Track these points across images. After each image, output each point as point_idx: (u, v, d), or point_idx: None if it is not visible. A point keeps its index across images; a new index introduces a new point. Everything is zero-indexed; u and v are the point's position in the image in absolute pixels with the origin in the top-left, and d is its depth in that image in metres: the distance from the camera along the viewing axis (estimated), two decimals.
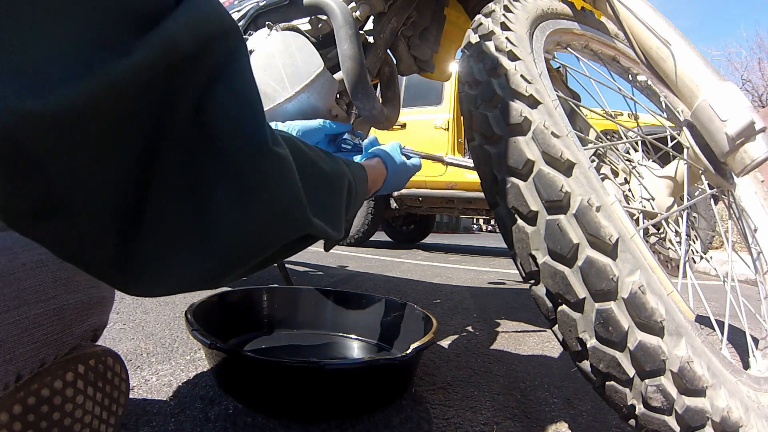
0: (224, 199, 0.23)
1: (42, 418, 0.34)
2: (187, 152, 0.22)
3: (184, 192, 0.22)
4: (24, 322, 0.31)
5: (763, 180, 0.81)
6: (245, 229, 0.24)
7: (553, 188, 0.39)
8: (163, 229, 0.22)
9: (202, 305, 0.70)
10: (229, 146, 0.23)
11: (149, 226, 0.22)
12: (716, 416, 0.35)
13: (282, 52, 0.78)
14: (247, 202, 0.24)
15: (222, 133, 0.22)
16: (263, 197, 0.25)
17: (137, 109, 0.19)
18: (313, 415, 0.53)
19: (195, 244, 0.23)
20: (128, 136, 0.20)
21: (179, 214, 0.23)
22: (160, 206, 0.22)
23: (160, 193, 0.22)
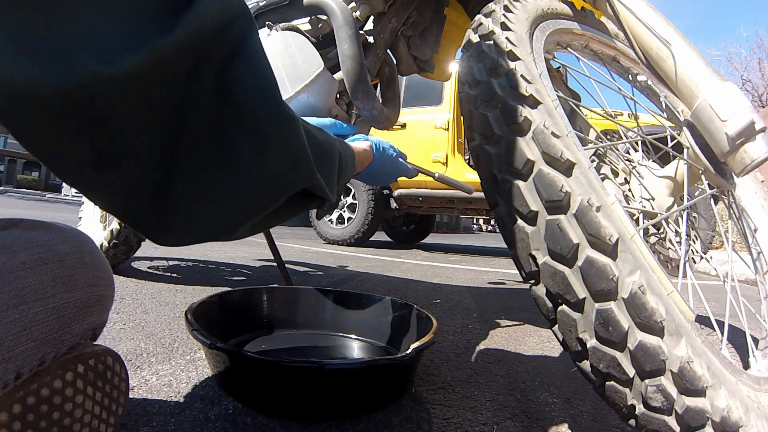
0: (246, 154, 0.27)
1: (42, 418, 0.34)
2: (211, 116, 0.26)
3: (210, 150, 0.26)
4: (23, 320, 0.31)
5: (763, 180, 0.81)
6: (265, 178, 0.29)
7: (553, 188, 0.39)
8: (192, 182, 0.26)
9: (202, 305, 0.70)
10: (251, 109, 0.27)
11: (180, 180, 0.26)
12: (716, 416, 0.35)
13: (282, 52, 0.78)
14: (267, 155, 0.28)
15: (243, 99, 0.26)
16: (280, 150, 0.29)
17: (176, 76, 0.23)
18: (313, 415, 0.53)
19: (220, 194, 0.27)
20: (168, 100, 0.23)
21: (206, 169, 0.26)
22: (189, 162, 0.26)
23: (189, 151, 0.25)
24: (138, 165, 0.24)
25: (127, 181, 0.24)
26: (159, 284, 1.28)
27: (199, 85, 0.24)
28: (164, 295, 1.14)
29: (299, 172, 0.32)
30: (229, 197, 0.28)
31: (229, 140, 0.27)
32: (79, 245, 0.38)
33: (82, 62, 0.19)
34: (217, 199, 0.27)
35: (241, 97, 0.26)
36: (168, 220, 0.27)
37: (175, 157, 0.25)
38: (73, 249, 0.37)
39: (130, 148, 0.23)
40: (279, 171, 0.30)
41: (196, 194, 0.27)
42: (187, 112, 0.24)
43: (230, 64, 0.26)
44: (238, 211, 0.29)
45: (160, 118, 0.23)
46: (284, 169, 0.30)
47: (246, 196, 0.28)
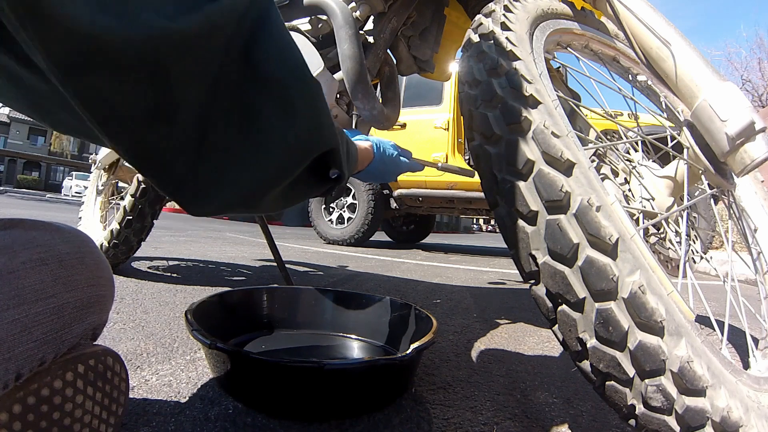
0: (272, 119, 0.29)
1: (42, 418, 0.34)
2: (239, 85, 0.27)
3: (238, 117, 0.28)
4: (24, 320, 0.31)
5: (763, 180, 0.81)
6: (289, 140, 0.30)
7: (553, 188, 0.39)
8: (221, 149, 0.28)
9: (202, 305, 0.70)
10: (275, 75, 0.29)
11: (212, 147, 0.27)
12: (716, 416, 0.35)
13: None
14: (292, 117, 0.30)
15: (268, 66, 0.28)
16: (304, 112, 0.31)
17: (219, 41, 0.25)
18: (313, 415, 0.53)
19: (248, 159, 0.29)
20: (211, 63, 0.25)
21: (234, 136, 0.28)
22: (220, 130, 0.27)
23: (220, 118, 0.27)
24: (184, 124, 0.25)
25: (174, 139, 0.26)
26: (159, 284, 1.28)
27: (230, 55, 0.26)
28: (164, 295, 1.14)
29: (322, 133, 0.34)
30: (256, 162, 0.29)
31: (255, 107, 0.28)
32: (79, 245, 0.38)
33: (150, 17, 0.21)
34: (246, 164, 0.29)
35: (266, 65, 0.28)
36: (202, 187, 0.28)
37: (209, 123, 0.27)
38: (73, 249, 0.37)
39: (181, 104, 0.25)
40: (303, 132, 0.31)
41: (225, 160, 0.28)
42: (220, 80, 0.26)
43: (256, 36, 0.28)
44: (264, 177, 0.30)
45: (204, 80, 0.25)
46: (309, 129, 0.32)
47: (272, 158, 0.30)
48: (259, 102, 0.28)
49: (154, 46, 0.22)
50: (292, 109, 0.30)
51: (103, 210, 1.55)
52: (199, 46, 0.24)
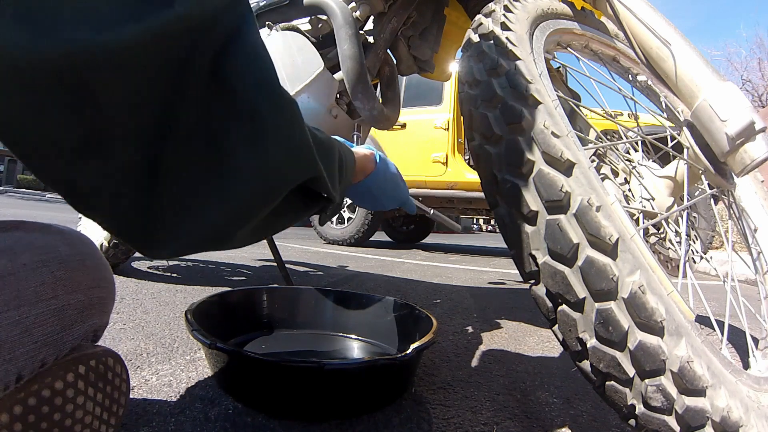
0: (240, 146, 0.25)
1: (42, 419, 0.34)
2: (203, 105, 0.24)
3: (200, 143, 0.24)
4: (24, 322, 0.31)
5: (763, 180, 0.81)
6: (261, 170, 0.26)
7: (553, 188, 0.39)
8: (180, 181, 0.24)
9: (202, 305, 0.70)
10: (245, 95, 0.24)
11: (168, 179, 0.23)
12: (716, 416, 0.35)
13: (282, 52, 0.78)
14: (263, 144, 0.26)
15: (238, 84, 0.24)
16: (278, 137, 0.26)
17: (170, 56, 0.21)
18: (313, 415, 0.53)
19: (212, 193, 0.25)
20: (160, 82, 0.21)
21: (196, 166, 0.24)
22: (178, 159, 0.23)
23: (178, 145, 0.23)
24: (125, 156, 0.21)
25: (113, 175, 0.22)
26: (159, 284, 1.28)
27: (192, 70, 0.22)
28: (164, 295, 1.14)
29: (299, 161, 0.29)
30: (221, 196, 0.25)
31: (221, 132, 0.24)
32: (79, 247, 0.38)
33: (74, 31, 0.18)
34: (208, 200, 0.25)
35: (235, 83, 0.24)
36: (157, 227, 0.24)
37: (163, 151, 0.23)
38: (73, 251, 0.37)
39: (117, 133, 0.21)
40: (277, 160, 0.27)
41: (185, 195, 0.24)
42: (178, 101, 0.22)
43: (226, 51, 0.24)
44: (232, 213, 0.26)
45: (151, 103, 0.21)
46: (283, 157, 0.27)
47: (241, 193, 0.25)
48: (227, 125, 0.24)
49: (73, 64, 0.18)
50: (263, 134, 0.26)
51: None
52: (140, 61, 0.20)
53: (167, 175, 0.23)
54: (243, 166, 0.25)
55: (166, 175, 0.23)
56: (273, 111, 0.26)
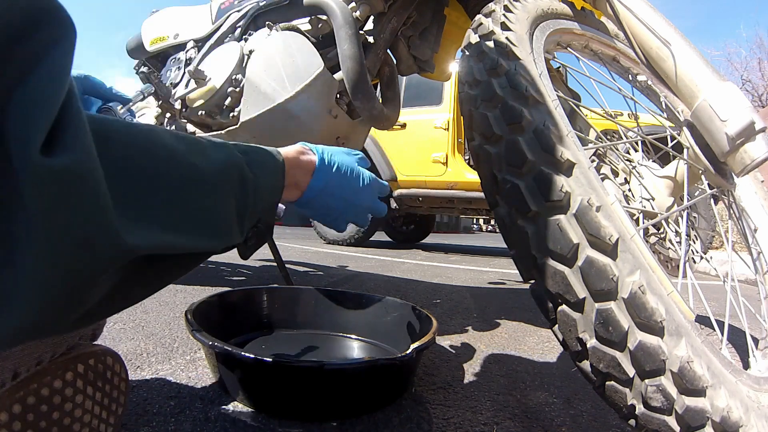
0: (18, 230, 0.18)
1: (41, 418, 0.34)
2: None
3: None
4: None
5: (763, 180, 0.81)
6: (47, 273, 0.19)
7: (553, 188, 0.39)
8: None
9: (202, 305, 0.70)
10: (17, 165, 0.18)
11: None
12: (716, 416, 0.35)
13: (282, 52, 0.78)
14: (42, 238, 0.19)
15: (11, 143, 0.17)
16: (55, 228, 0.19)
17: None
18: (313, 415, 0.53)
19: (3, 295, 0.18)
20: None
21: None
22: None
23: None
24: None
25: None
26: None
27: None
28: (164, 295, 1.14)
29: (96, 251, 0.21)
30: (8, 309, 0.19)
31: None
32: None
33: None
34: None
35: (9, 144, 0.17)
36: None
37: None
38: None
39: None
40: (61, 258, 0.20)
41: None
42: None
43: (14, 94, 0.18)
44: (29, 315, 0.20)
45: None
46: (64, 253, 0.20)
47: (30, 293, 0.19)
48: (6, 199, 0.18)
49: None
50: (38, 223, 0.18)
51: None
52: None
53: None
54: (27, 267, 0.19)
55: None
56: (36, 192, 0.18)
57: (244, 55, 0.84)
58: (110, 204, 0.22)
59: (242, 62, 0.83)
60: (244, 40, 0.91)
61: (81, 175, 0.20)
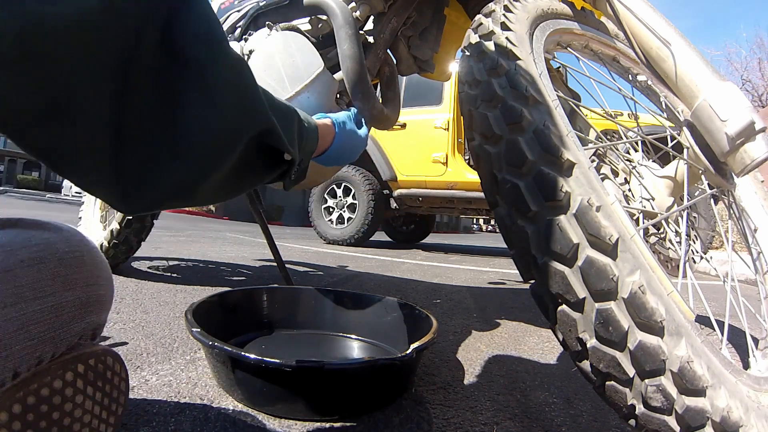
0: (193, 106, 0.26)
1: (41, 418, 0.34)
2: (156, 72, 0.25)
3: (156, 108, 0.26)
4: (21, 318, 0.31)
5: (763, 180, 0.80)
6: (213, 125, 0.27)
7: (553, 188, 0.39)
8: (140, 143, 0.25)
9: (202, 305, 0.70)
10: (195, 57, 0.26)
11: (130, 142, 0.25)
12: (716, 416, 0.35)
13: (282, 52, 0.78)
14: (214, 100, 0.27)
15: (187, 48, 0.26)
16: (228, 93, 0.28)
17: (123, 24, 0.22)
18: (313, 414, 0.53)
19: (170, 152, 0.26)
20: (115, 50, 0.23)
21: (153, 129, 0.26)
22: (136, 123, 0.25)
23: (135, 111, 0.25)
24: (87, 121, 0.23)
25: (82, 138, 0.23)
26: (159, 284, 1.28)
27: (144, 39, 0.24)
28: (164, 295, 1.14)
29: (248, 111, 0.31)
30: (179, 154, 0.27)
31: (174, 94, 0.26)
32: (77, 244, 0.38)
33: (30, 2, 0.19)
34: (167, 158, 0.26)
35: (184, 47, 0.26)
36: (126, 186, 0.26)
37: (124, 117, 0.24)
38: (71, 248, 0.37)
39: (77, 100, 0.22)
40: (227, 113, 0.28)
41: (145, 156, 0.26)
42: (133, 70, 0.24)
43: (175, 18, 0.25)
44: (191, 168, 0.28)
45: (107, 71, 0.23)
46: (232, 110, 0.29)
47: (198, 146, 0.27)
48: (179, 85, 0.26)
49: (28, 36, 0.19)
50: (212, 90, 0.27)
51: (103, 210, 1.54)
52: (95, 29, 0.21)
53: (130, 138, 0.25)
54: (195, 122, 0.27)
55: (129, 138, 0.25)
56: (220, 65, 0.28)
57: (244, 55, 0.84)
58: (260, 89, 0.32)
59: None
60: (244, 40, 0.90)
61: (248, 66, 0.31)
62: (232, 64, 0.29)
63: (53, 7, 0.19)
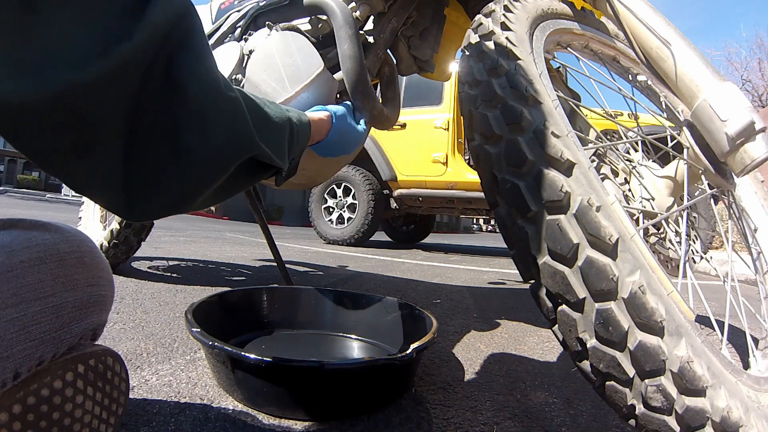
0: (192, 135, 0.31)
1: (42, 418, 0.34)
2: (160, 104, 0.29)
3: (161, 135, 0.30)
4: (22, 319, 0.31)
5: (763, 180, 0.80)
6: (209, 153, 0.32)
7: (553, 188, 0.39)
8: (148, 165, 0.30)
9: (202, 305, 0.70)
10: (194, 93, 0.30)
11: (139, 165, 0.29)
12: (716, 416, 0.35)
13: (282, 52, 0.78)
14: (209, 132, 0.32)
15: (187, 84, 0.30)
16: (221, 126, 0.33)
17: (134, 76, 0.27)
18: (313, 414, 0.53)
19: (173, 172, 0.31)
20: (127, 97, 0.27)
21: (159, 153, 0.30)
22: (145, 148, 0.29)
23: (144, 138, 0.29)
24: (106, 153, 0.28)
25: (101, 166, 0.28)
26: (159, 284, 1.28)
27: (151, 79, 0.28)
28: (164, 295, 1.14)
29: (239, 144, 0.35)
30: (180, 174, 0.31)
31: (176, 124, 0.30)
32: (78, 245, 0.38)
33: (60, 72, 0.23)
34: (171, 178, 0.31)
35: (185, 84, 0.30)
36: (135, 200, 0.30)
37: (133, 143, 0.29)
38: (72, 249, 0.37)
39: (102, 137, 0.27)
40: (221, 145, 0.33)
41: (153, 174, 0.30)
42: (141, 106, 0.28)
43: (176, 57, 0.29)
44: (190, 186, 0.32)
45: (122, 113, 0.27)
46: (226, 142, 0.34)
47: (195, 171, 0.32)
48: (179, 118, 0.30)
49: (65, 99, 0.24)
50: (209, 124, 0.32)
51: (103, 210, 1.55)
52: (111, 88, 0.25)
53: (138, 160, 0.29)
54: (195, 151, 0.31)
55: (137, 160, 0.29)
56: (215, 107, 0.32)
57: (243, 55, 0.84)
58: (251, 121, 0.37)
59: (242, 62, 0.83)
60: (244, 40, 0.90)
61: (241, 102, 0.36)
62: (225, 103, 0.34)
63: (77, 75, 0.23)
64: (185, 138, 0.31)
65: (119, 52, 0.25)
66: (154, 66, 0.28)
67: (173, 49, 0.29)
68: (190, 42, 0.31)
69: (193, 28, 0.31)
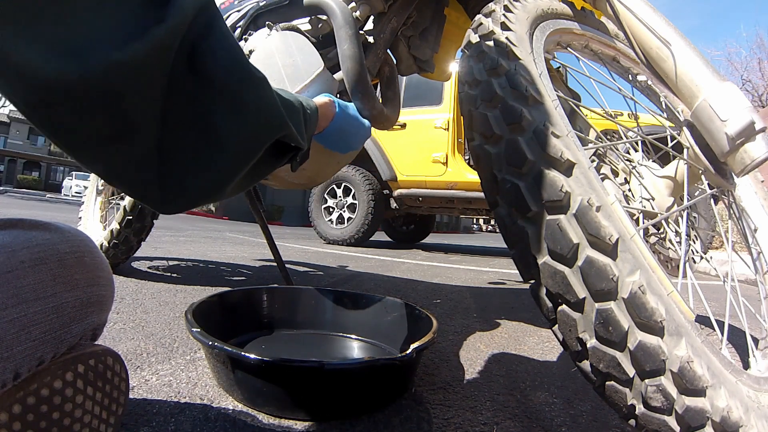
0: (222, 120, 0.31)
1: (41, 418, 0.34)
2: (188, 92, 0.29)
3: (191, 123, 0.30)
4: (22, 319, 0.31)
5: (763, 180, 0.80)
6: (242, 137, 0.32)
7: (554, 188, 0.39)
8: (180, 154, 0.30)
9: (202, 305, 0.70)
10: (222, 77, 0.30)
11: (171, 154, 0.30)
12: (716, 416, 0.35)
13: (282, 52, 0.78)
14: (241, 115, 0.32)
15: (214, 69, 0.30)
16: (252, 108, 0.33)
17: (167, 59, 0.27)
18: (313, 414, 0.53)
19: (205, 160, 0.31)
20: (161, 80, 0.27)
21: (190, 141, 0.30)
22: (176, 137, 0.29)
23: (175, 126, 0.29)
24: (142, 140, 0.28)
25: (136, 154, 0.28)
26: (159, 284, 1.28)
27: (178, 64, 0.28)
28: (164, 295, 1.14)
29: (272, 125, 0.36)
30: (215, 159, 0.31)
31: (207, 109, 0.30)
32: (78, 245, 0.38)
33: (100, 52, 0.23)
34: (203, 166, 0.31)
35: (212, 69, 0.30)
36: (168, 191, 0.30)
37: (165, 133, 0.29)
38: (72, 248, 0.37)
39: (136, 124, 0.27)
40: (254, 128, 0.33)
41: (186, 162, 0.30)
42: (172, 90, 0.28)
43: (201, 43, 0.29)
44: (223, 173, 0.32)
45: (157, 96, 0.27)
46: (258, 125, 0.34)
47: (229, 154, 0.32)
48: (210, 104, 0.30)
49: (107, 79, 0.24)
50: (240, 107, 0.32)
51: (103, 210, 1.55)
52: (148, 69, 0.26)
53: (172, 149, 0.29)
54: (227, 136, 0.31)
55: (172, 149, 0.29)
56: (245, 88, 0.32)
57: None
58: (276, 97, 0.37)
59: None
60: (244, 40, 0.90)
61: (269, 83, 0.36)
62: (254, 83, 0.33)
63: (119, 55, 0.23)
64: (217, 126, 0.31)
65: (155, 34, 0.25)
66: (179, 57, 0.28)
67: (198, 36, 0.29)
68: (214, 28, 0.31)
69: (215, 16, 0.32)
